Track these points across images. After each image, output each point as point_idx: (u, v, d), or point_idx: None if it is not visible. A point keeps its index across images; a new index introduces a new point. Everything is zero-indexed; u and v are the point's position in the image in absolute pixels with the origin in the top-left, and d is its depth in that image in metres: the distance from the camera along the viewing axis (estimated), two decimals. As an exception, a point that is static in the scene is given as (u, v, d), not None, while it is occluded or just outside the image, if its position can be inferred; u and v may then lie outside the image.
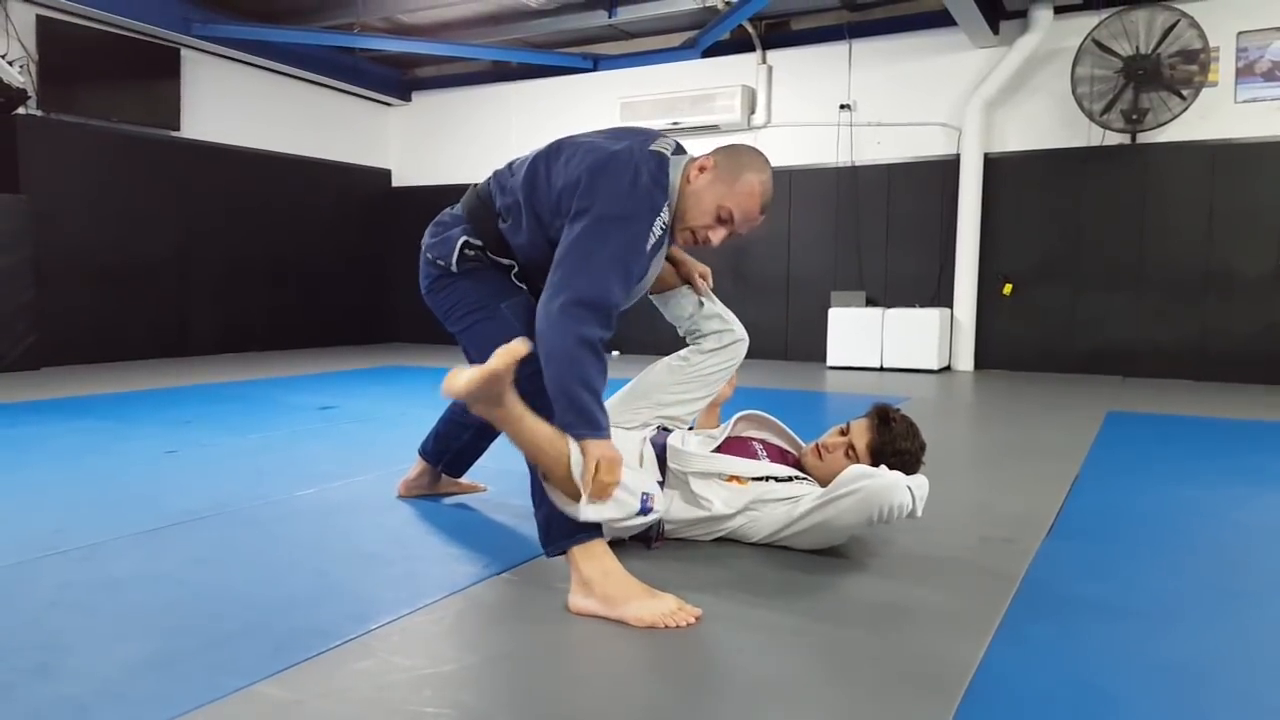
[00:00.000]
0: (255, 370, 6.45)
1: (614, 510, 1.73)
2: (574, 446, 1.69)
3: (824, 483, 2.11)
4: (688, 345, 2.34)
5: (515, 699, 1.39)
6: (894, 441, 2.14)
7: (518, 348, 1.60)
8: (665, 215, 1.83)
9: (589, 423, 1.69)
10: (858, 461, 2.14)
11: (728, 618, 1.73)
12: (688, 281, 2.29)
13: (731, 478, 2.10)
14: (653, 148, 1.89)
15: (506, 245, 1.98)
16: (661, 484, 2.06)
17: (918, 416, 2.36)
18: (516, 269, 2.00)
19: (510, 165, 2.04)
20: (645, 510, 1.78)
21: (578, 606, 1.73)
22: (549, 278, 1.78)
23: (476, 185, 2.09)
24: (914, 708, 1.36)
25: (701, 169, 1.90)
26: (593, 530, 1.78)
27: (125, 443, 3.57)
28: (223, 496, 2.66)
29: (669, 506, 2.09)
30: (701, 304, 2.28)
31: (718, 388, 2.34)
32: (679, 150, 1.98)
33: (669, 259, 2.25)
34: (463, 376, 1.65)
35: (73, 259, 6.65)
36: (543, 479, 1.76)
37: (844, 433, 2.20)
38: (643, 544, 2.11)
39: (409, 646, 1.58)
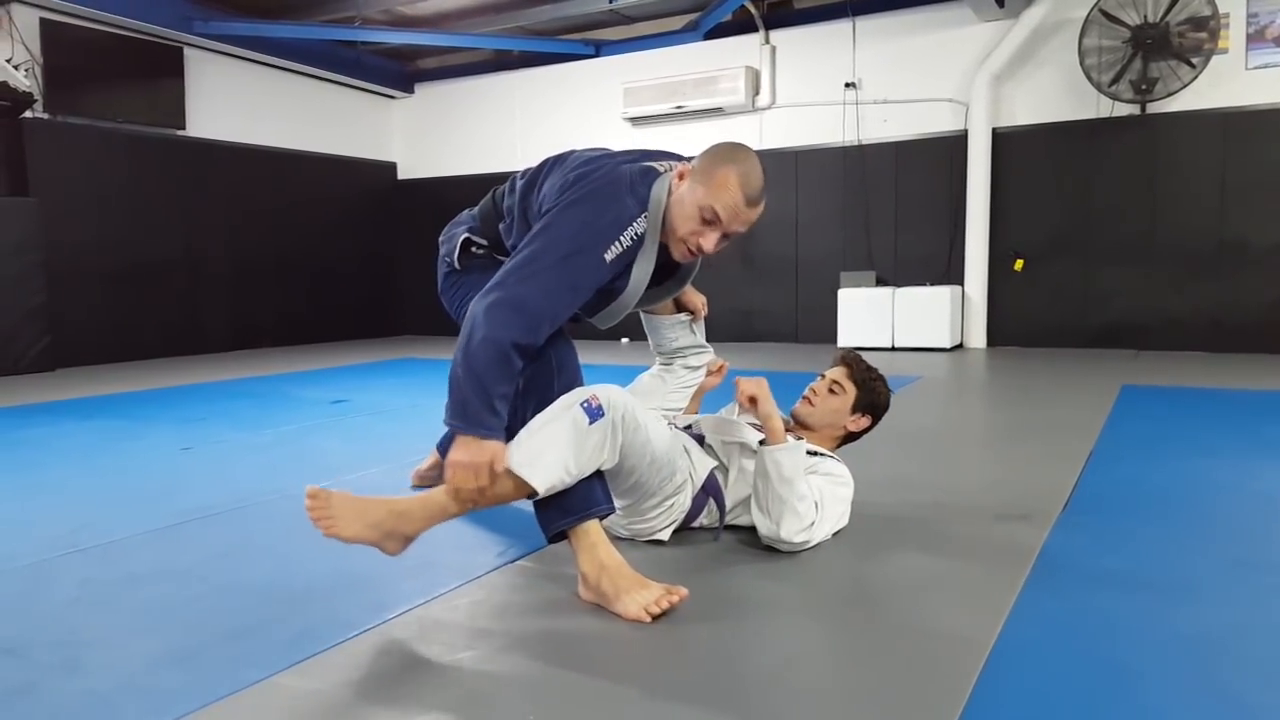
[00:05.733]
0: (266, 366, 6.48)
1: (553, 462, 1.67)
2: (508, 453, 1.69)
3: (820, 426, 2.20)
4: (660, 360, 2.42)
5: (532, 685, 1.40)
6: (868, 369, 2.24)
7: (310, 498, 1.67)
8: (639, 225, 1.77)
9: (462, 416, 1.67)
10: (843, 395, 2.19)
11: (744, 599, 1.73)
12: (688, 310, 2.33)
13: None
14: (648, 163, 1.86)
15: (505, 246, 2.00)
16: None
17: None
18: None
19: (527, 170, 2.04)
20: (594, 414, 1.69)
21: (584, 598, 1.74)
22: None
23: (496, 188, 2.12)
24: (933, 683, 1.36)
25: (681, 176, 1.83)
26: (577, 512, 1.74)
27: (140, 441, 3.60)
28: (238, 491, 2.68)
29: (729, 495, 2.10)
30: (693, 332, 2.37)
31: (689, 394, 2.42)
32: None
33: None
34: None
35: (83, 260, 6.69)
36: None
37: (823, 378, 2.26)
38: (709, 532, 2.12)
39: (426, 635, 1.59)
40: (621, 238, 1.75)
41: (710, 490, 2.05)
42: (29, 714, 1.32)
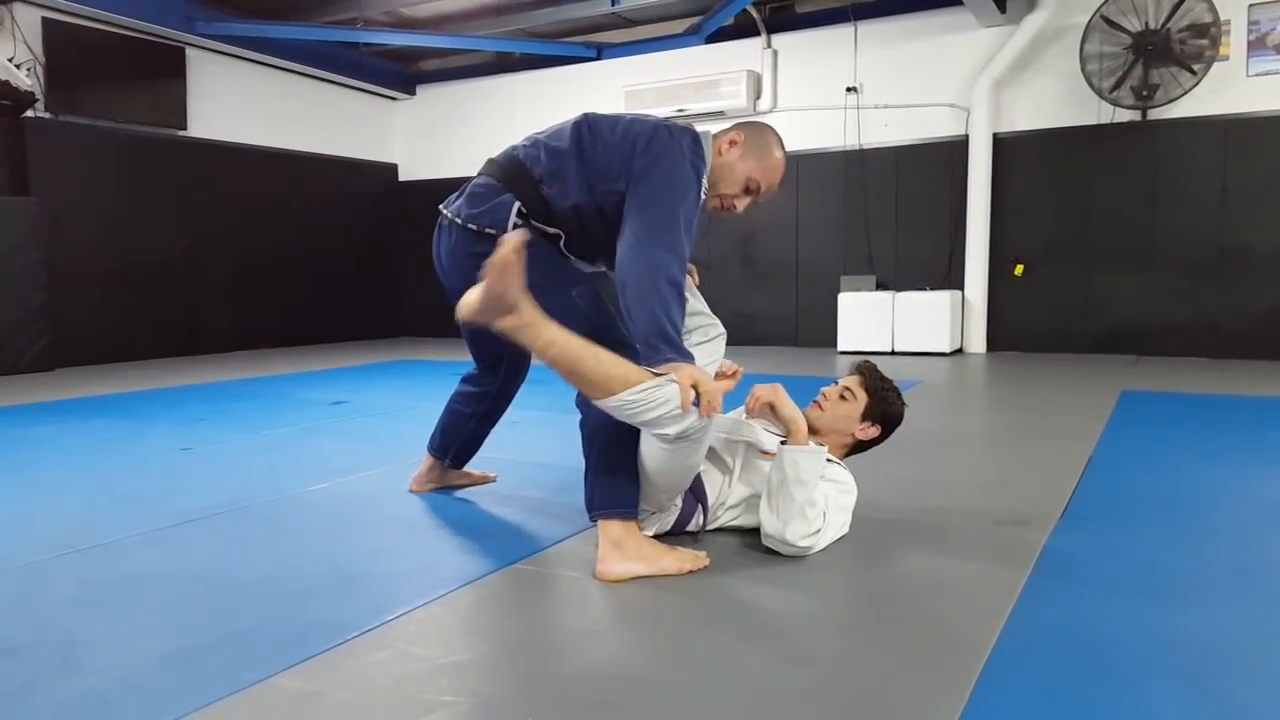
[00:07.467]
0: (266, 367, 6.48)
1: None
2: (651, 374, 1.74)
3: (828, 431, 2.19)
4: None
5: (531, 687, 1.40)
6: (882, 380, 2.23)
7: (516, 238, 1.67)
8: (705, 180, 1.95)
9: (681, 350, 1.79)
10: (854, 401, 2.18)
11: (745, 601, 1.73)
12: None
13: (764, 453, 2.10)
14: (683, 123, 2.04)
15: (552, 212, 1.98)
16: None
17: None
18: (564, 239, 2.00)
19: (536, 137, 2.07)
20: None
21: (613, 570, 1.80)
22: (626, 226, 1.86)
23: (498, 158, 2.11)
24: (931, 687, 1.36)
25: (732, 143, 2.03)
26: (631, 506, 1.90)
27: (140, 441, 3.60)
28: (237, 492, 2.68)
29: (730, 490, 2.11)
30: (686, 299, 2.28)
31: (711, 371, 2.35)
32: None
33: None
34: (474, 291, 1.73)
35: (83, 260, 6.69)
36: (575, 382, 1.79)
37: (836, 384, 2.26)
38: (689, 535, 2.12)
39: (425, 637, 1.59)
40: (702, 190, 1.95)
41: (695, 491, 2.06)
42: (27, 714, 1.32)
